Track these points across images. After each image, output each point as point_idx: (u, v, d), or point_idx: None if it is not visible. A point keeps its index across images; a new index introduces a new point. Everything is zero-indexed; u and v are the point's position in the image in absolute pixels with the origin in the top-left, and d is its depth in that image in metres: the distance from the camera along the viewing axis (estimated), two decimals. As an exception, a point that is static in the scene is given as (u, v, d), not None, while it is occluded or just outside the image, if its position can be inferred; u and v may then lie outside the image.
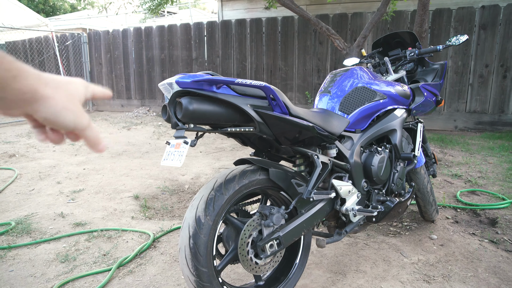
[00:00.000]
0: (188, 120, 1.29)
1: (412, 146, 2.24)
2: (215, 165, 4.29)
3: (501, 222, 2.60)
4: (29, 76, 0.48)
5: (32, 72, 0.49)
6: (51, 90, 0.50)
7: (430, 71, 2.46)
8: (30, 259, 2.18)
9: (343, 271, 2.02)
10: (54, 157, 4.72)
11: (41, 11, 20.39)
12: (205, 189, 1.44)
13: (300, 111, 1.57)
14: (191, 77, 1.26)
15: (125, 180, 3.70)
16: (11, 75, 0.45)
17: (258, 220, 1.53)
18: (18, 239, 2.44)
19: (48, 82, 0.51)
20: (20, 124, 7.50)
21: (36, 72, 0.49)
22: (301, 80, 7.22)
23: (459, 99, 6.24)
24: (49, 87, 0.50)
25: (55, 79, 0.52)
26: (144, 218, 2.82)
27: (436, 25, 6.20)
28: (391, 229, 2.57)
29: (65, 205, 3.04)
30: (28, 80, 0.47)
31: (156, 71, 8.47)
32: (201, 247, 1.36)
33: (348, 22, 6.73)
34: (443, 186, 3.41)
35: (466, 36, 2.25)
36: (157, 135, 6.17)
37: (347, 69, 2.07)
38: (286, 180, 1.57)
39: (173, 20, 14.68)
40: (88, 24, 12.91)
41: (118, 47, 8.77)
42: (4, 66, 0.45)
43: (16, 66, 0.46)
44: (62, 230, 2.58)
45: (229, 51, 7.76)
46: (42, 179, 3.75)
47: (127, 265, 2.11)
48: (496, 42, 5.95)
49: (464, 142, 5.31)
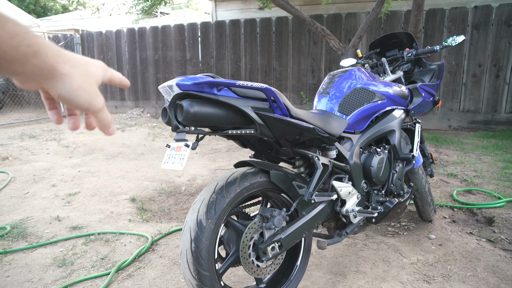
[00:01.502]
0: (189, 123, 1.27)
1: (410, 146, 2.25)
2: (211, 166, 4.27)
3: (498, 221, 2.62)
4: (49, 53, 0.48)
5: (53, 49, 0.49)
6: (69, 68, 0.50)
7: (427, 71, 2.47)
8: (27, 264, 2.15)
9: (343, 272, 2.02)
10: (48, 159, 4.67)
11: (32, 12, 20.18)
12: (206, 192, 1.43)
13: (300, 112, 1.57)
14: (192, 80, 1.25)
15: (121, 182, 3.68)
16: (32, 50, 0.45)
17: (259, 223, 1.52)
18: (13, 243, 2.40)
19: (68, 60, 0.51)
20: (12, 127, 7.41)
21: (57, 49, 0.49)
22: (296, 80, 7.22)
23: (453, 99, 6.29)
24: (68, 65, 0.50)
25: (75, 58, 0.52)
26: (141, 221, 2.80)
27: (429, 25, 6.24)
28: (389, 229, 2.57)
29: (61, 208, 3.00)
30: (48, 56, 0.47)
31: (150, 72, 8.43)
32: (203, 251, 1.35)
33: (342, 22, 6.75)
34: (439, 186, 3.42)
35: (462, 37, 2.26)
36: (152, 136, 6.13)
37: (345, 70, 2.07)
38: (287, 182, 1.57)
39: (166, 21, 14.61)
40: (81, 25, 12.81)
41: (112, 48, 8.71)
42: (26, 42, 0.45)
43: (38, 41, 0.46)
44: (59, 234, 2.55)
45: (223, 51, 7.74)
46: (37, 182, 3.71)
47: (126, 269, 2.09)
48: (489, 42, 6.01)
49: (459, 141, 5.35)
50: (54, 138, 6.04)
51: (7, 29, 0.43)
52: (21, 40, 0.44)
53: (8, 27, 0.43)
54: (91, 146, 5.37)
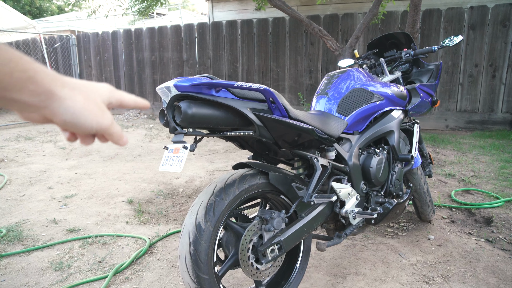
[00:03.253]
0: (187, 125, 1.26)
1: (409, 147, 2.24)
2: (209, 167, 4.26)
3: (496, 221, 2.62)
4: (45, 77, 0.46)
5: (49, 73, 0.47)
6: (68, 91, 0.49)
7: (425, 71, 2.46)
8: (23, 268, 2.12)
9: (342, 274, 2.01)
10: (45, 161, 4.63)
11: (27, 13, 20.08)
12: (204, 194, 1.41)
13: (299, 113, 1.56)
14: (190, 81, 1.24)
15: (118, 184, 3.65)
16: (26, 75, 0.44)
17: (259, 225, 1.51)
18: (9, 247, 2.38)
19: (66, 83, 0.49)
20: (8, 128, 7.36)
21: (53, 73, 0.48)
22: (293, 81, 7.22)
23: (450, 99, 6.30)
24: (66, 87, 0.49)
25: (74, 81, 0.51)
26: (139, 223, 2.78)
27: (426, 25, 6.25)
28: (388, 230, 2.57)
29: (58, 211, 2.98)
30: (44, 81, 0.46)
31: (146, 73, 8.40)
32: (202, 254, 1.33)
33: (339, 23, 6.75)
34: (437, 186, 3.42)
35: (460, 37, 2.26)
36: (149, 137, 6.11)
37: (343, 71, 2.06)
38: (286, 183, 1.56)
39: (162, 22, 14.57)
40: (77, 26, 12.77)
41: (108, 49, 8.67)
42: (20, 67, 0.44)
43: (32, 67, 0.45)
44: (55, 237, 2.52)
45: (220, 52, 7.73)
46: (33, 185, 3.67)
47: (124, 272, 2.07)
48: (485, 42, 6.03)
49: (456, 141, 5.36)
50: (50, 140, 6.00)
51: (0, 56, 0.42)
52: (14, 66, 0.43)
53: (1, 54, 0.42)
54: (87, 147, 5.34)
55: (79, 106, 0.49)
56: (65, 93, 0.48)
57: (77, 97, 0.49)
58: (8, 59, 0.43)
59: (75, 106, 0.49)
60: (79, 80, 0.52)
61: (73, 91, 0.49)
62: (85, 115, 0.50)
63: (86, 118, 0.50)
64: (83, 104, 0.50)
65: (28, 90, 0.45)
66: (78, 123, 0.49)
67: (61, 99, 0.48)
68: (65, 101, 0.48)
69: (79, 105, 0.49)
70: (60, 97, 0.48)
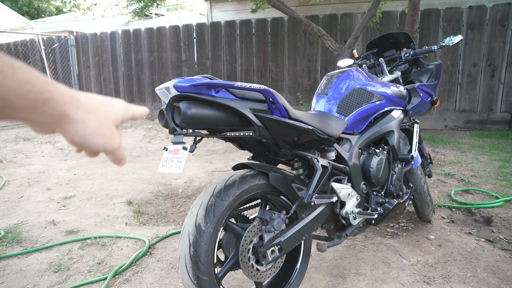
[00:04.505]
0: (186, 125, 1.25)
1: (409, 147, 2.24)
2: (208, 168, 4.25)
3: (496, 220, 2.62)
4: (61, 99, 0.46)
5: (66, 94, 0.47)
6: (82, 114, 0.48)
7: (424, 71, 2.46)
8: (22, 270, 2.11)
9: (343, 274, 2.00)
10: (43, 162, 4.62)
11: (25, 14, 20.04)
12: (204, 195, 1.41)
13: (299, 114, 1.55)
14: (189, 81, 1.23)
15: (117, 185, 3.64)
16: (41, 98, 0.44)
17: (259, 226, 1.50)
18: (8, 248, 2.36)
19: (82, 105, 0.48)
20: (6, 129, 7.34)
21: (71, 94, 0.47)
22: (292, 81, 7.21)
23: (449, 98, 6.31)
24: (81, 110, 0.48)
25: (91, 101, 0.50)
26: (138, 224, 2.77)
27: (424, 25, 6.25)
28: (388, 230, 2.56)
29: (56, 212, 2.96)
30: (58, 103, 0.45)
31: (145, 73, 8.39)
32: (202, 255, 1.33)
33: (338, 23, 6.75)
34: (437, 186, 3.42)
35: (460, 37, 2.25)
36: (148, 138, 6.10)
37: (343, 71, 2.05)
38: (286, 184, 1.55)
39: (161, 22, 14.55)
40: (75, 26, 12.74)
41: (106, 49, 8.66)
42: (36, 89, 0.43)
43: (48, 88, 0.44)
44: (54, 238, 2.51)
45: (219, 52, 7.72)
46: (31, 186, 3.66)
47: (123, 273, 2.06)
48: (484, 42, 6.03)
49: (455, 141, 5.36)
50: (49, 140, 5.98)
51: (17, 77, 0.41)
52: (30, 87, 0.42)
53: (18, 75, 0.41)
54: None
55: (90, 130, 0.49)
56: (78, 115, 0.48)
57: (89, 121, 0.49)
58: (25, 81, 0.42)
59: (86, 130, 0.49)
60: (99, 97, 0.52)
61: (87, 113, 0.49)
62: (94, 139, 0.50)
63: (94, 142, 0.50)
64: (94, 128, 0.49)
65: (40, 111, 0.44)
66: (86, 144, 0.50)
67: (73, 121, 0.47)
68: (77, 123, 0.48)
69: (90, 130, 0.49)
70: (73, 120, 0.47)
